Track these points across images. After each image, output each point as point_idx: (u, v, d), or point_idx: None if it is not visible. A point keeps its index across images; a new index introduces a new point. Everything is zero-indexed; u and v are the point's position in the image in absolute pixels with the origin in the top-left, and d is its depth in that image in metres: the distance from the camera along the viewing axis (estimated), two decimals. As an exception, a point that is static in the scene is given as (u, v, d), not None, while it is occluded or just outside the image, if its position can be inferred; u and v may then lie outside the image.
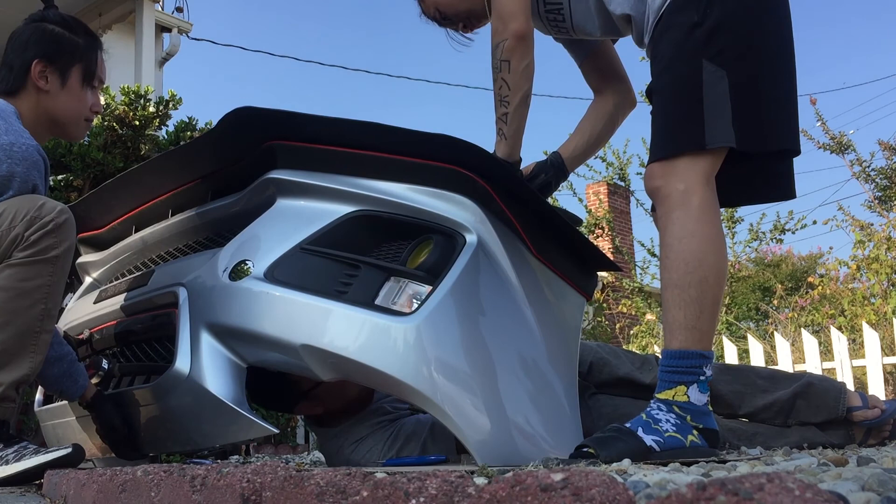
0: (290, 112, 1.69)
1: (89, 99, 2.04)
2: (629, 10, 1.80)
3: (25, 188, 1.77)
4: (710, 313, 1.57)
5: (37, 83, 1.95)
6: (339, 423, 2.05)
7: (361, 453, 1.99)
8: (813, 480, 0.86)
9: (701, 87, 1.61)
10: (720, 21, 1.63)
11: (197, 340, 1.68)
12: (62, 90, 1.98)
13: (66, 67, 1.98)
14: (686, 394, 1.55)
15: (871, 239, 6.48)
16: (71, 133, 2.05)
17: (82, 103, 2.02)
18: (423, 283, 1.57)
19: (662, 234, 1.64)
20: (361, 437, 2.01)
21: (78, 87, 2.01)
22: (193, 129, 4.33)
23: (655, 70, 1.73)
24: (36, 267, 1.71)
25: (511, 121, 1.82)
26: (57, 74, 1.97)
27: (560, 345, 1.79)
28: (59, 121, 2.00)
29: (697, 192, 1.60)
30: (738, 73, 1.63)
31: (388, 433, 2.01)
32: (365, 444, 2.00)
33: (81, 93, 2.02)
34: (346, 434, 2.04)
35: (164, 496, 1.07)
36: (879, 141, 8.17)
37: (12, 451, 1.76)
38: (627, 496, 0.61)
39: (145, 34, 6.44)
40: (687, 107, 1.64)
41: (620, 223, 11.41)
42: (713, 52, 1.62)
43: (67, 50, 1.99)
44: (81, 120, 2.05)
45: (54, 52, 1.97)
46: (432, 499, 0.70)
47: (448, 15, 2.08)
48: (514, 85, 1.79)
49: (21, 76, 1.96)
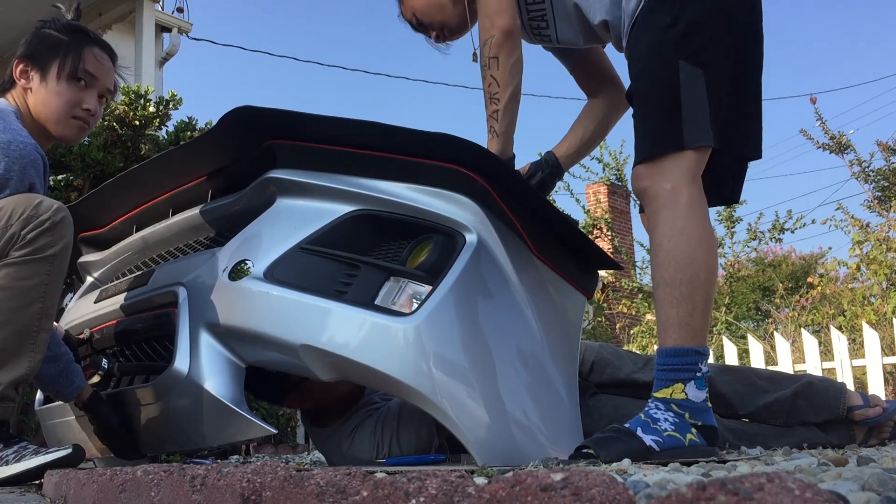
0: (289, 112, 1.69)
1: (74, 95, 1.95)
2: (606, 15, 1.82)
3: (22, 187, 1.77)
4: (702, 310, 1.58)
5: (20, 82, 1.95)
6: (332, 423, 2.06)
7: (357, 444, 2.00)
8: (813, 480, 0.86)
9: (678, 88, 1.63)
10: (693, 21, 1.64)
11: (196, 340, 1.68)
12: (41, 85, 1.94)
13: (45, 62, 1.94)
14: (684, 391, 1.55)
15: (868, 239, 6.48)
16: (58, 131, 1.96)
17: (63, 98, 1.94)
18: (423, 282, 1.57)
19: (652, 234, 1.65)
20: (354, 427, 2.03)
21: (55, 81, 1.93)
22: (193, 129, 4.33)
23: (633, 72, 1.74)
24: (33, 266, 1.71)
25: (502, 118, 1.83)
26: (37, 70, 1.95)
27: (561, 344, 1.79)
28: (42, 118, 1.94)
29: (684, 191, 1.61)
30: (716, 72, 1.64)
31: (376, 419, 2.02)
32: (358, 433, 2.02)
33: (62, 87, 1.93)
34: (340, 430, 2.04)
35: (164, 496, 1.07)
36: (878, 142, 8.18)
37: (12, 452, 1.76)
38: (627, 496, 0.61)
39: (145, 34, 6.44)
40: (665, 108, 1.65)
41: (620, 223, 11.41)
42: (688, 52, 1.63)
43: (47, 46, 1.96)
44: (67, 117, 1.95)
45: (33, 50, 1.96)
46: (432, 499, 0.70)
47: (423, 23, 2.10)
48: (504, 81, 1.80)
49: (9, 77, 1.97)
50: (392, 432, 1.96)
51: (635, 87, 1.73)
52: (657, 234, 1.62)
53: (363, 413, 2.06)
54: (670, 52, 1.64)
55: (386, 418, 2.01)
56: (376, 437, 1.99)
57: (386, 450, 1.95)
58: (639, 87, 1.72)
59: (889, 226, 6.64)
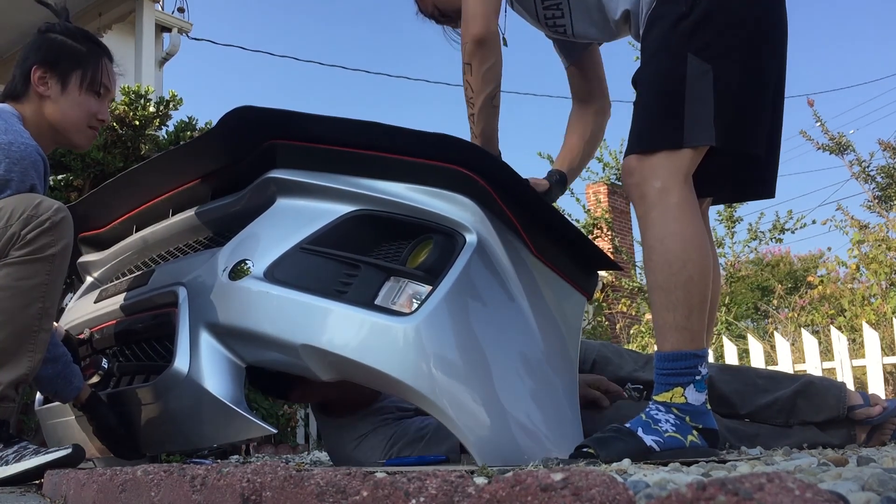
0: (289, 111, 1.69)
1: (92, 106, 2.01)
2: (628, 5, 1.80)
3: (23, 187, 1.77)
4: (698, 312, 1.56)
5: (37, 89, 1.96)
6: (343, 415, 2.05)
7: (363, 451, 1.99)
8: (813, 480, 0.86)
9: (684, 82, 1.60)
10: (708, 12, 1.61)
11: (196, 340, 1.68)
12: (62, 95, 1.97)
13: (66, 73, 1.98)
14: (683, 395, 1.55)
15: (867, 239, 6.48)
16: (73, 140, 2.03)
17: (83, 109, 2.00)
18: (423, 282, 1.57)
19: (643, 235, 1.63)
20: (364, 433, 2.02)
21: (77, 92, 1.99)
22: (193, 129, 4.33)
23: (642, 59, 1.72)
24: (33, 266, 1.71)
25: (477, 122, 1.84)
26: (57, 80, 1.97)
27: (561, 344, 1.79)
28: (60, 127, 1.98)
29: (675, 191, 1.59)
30: (725, 68, 1.60)
31: (390, 433, 2.01)
32: (367, 441, 2.00)
33: (82, 98, 1.99)
34: (349, 428, 2.04)
35: (164, 496, 1.07)
36: (879, 140, 8.18)
37: (12, 452, 1.76)
38: (627, 496, 0.61)
39: (145, 34, 6.44)
40: (668, 101, 1.62)
41: (620, 223, 11.40)
42: (699, 45, 1.60)
43: (67, 56, 1.99)
44: (84, 127, 2.02)
45: (54, 59, 1.98)
46: (432, 499, 0.70)
47: (446, 12, 2.08)
48: (477, 88, 1.81)
49: (24, 82, 1.96)
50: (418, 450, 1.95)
51: (642, 74, 1.70)
52: (648, 237, 1.61)
53: (376, 421, 2.03)
54: (680, 43, 1.61)
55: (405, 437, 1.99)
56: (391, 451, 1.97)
57: None
58: (645, 75, 1.69)
59: (889, 225, 6.64)
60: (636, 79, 1.73)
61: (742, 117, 1.64)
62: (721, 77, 1.60)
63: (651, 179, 1.60)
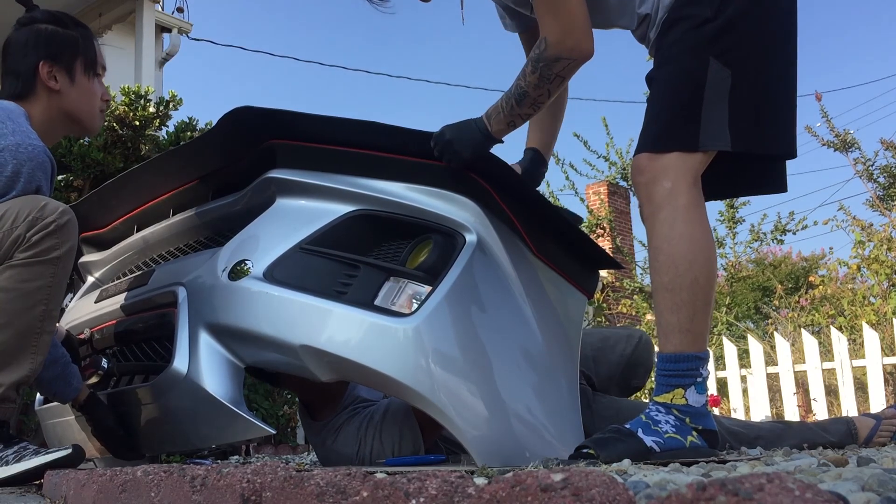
0: (289, 111, 1.69)
1: (98, 89, 2.04)
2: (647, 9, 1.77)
3: (30, 189, 1.77)
4: (703, 314, 1.56)
5: (47, 84, 1.96)
6: (324, 417, 2.07)
7: (341, 440, 2.00)
8: (813, 480, 0.86)
9: (704, 85, 1.59)
10: (732, 19, 1.61)
11: (195, 340, 1.68)
12: (72, 86, 1.99)
13: (70, 63, 1.99)
14: (684, 396, 1.55)
15: (871, 239, 6.48)
16: (88, 126, 2.05)
17: (94, 94, 2.03)
18: (423, 283, 1.57)
19: (649, 236, 1.63)
20: (339, 425, 2.03)
21: (85, 79, 2.01)
22: (193, 130, 4.33)
23: (660, 59, 1.69)
24: (37, 268, 1.71)
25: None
26: (64, 72, 1.98)
27: (562, 345, 1.79)
28: (76, 116, 2.00)
29: (684, 192, 1.58)
30: (744, 74, 1.61)
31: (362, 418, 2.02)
32: (342, 431, 2.02)
33: (89, 84, 2.02)
34: (329, 426, 2.05)
35: (164, 496, 1.07)
36: (882, 140, 8.16)
37: (12, 452, 1.76)
38: (627, 496, 0.61)
39: (145, 34, 6.43)
40: (686, 102, 1.62)
41: (621, 223, 11.39)
42: (721, 49, 1.60)
43: (67, 45, 1.99)
44: (97, 112, 2.05)
45: (56, 51, 1.97)
46: (432, 499, 0.70)
47: None
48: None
49: (30, 80, 1.95)
50: (375, 430, 1.96)
51: (660, 73, 1.68)
52: (655, 238, 1.60)
53: (350, 411, 2.06)
54: (704, 47, 1.61)
55: (371, 418, 2.02)
56: (359, 435, 1.99)
57: (368, 447, 1.95)
58: (664, 74, 1.67)
59: (893, 225, 6.63)
60: (651, 76, 1.71)
61: (757, 122, 1.64)
62: (739, 83, 1.60)
63: (661, 180, 1.59)
